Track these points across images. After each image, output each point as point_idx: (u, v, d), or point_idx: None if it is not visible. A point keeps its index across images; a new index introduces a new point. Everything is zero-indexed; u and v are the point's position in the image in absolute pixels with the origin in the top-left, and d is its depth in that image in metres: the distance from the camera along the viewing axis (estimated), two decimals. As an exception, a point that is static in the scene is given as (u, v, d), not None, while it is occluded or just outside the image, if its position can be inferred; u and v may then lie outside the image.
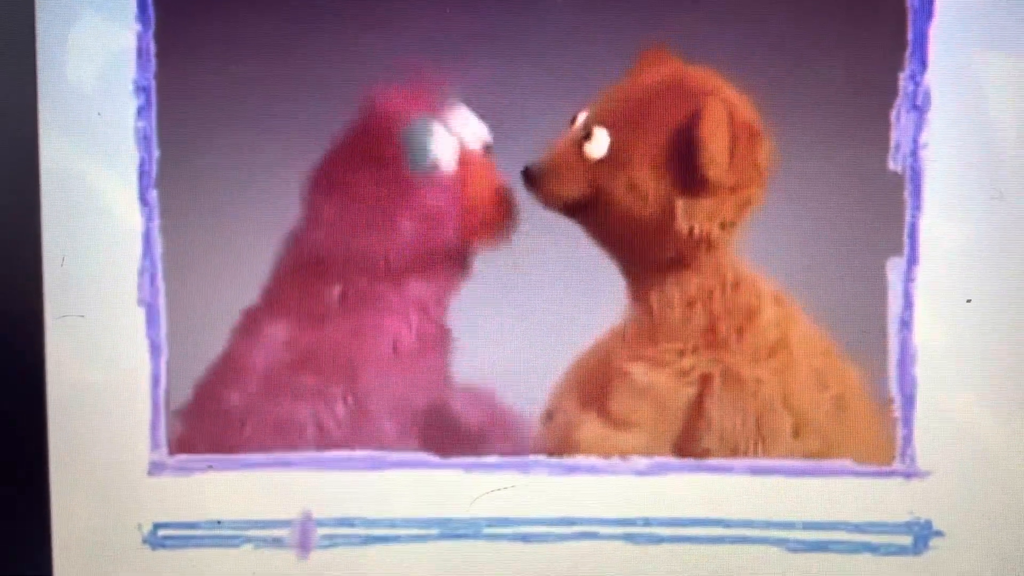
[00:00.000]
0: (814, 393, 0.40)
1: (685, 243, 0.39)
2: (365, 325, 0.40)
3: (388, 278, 0.40)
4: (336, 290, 0.40)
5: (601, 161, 0.38)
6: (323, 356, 0.40)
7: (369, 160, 0.39)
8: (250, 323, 0.40)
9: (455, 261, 0.40)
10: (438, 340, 0.41)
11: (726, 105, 0.38)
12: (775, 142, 0.39)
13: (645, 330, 0.40)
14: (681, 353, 0.40)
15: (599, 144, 0.38)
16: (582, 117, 0.39)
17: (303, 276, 0.40)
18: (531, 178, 0.39)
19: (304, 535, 0.40)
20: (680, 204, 0.38)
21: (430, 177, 0.39)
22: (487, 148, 0.40)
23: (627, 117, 0.38)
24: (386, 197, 0.39)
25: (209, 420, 0.40)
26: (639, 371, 0.40)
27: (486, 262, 0.40)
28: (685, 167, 0.38)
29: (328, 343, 0.40)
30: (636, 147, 0.38)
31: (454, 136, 0.39)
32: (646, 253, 0.39)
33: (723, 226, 0.38)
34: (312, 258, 0.40)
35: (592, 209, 0.39)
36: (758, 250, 0.40)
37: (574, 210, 0.39)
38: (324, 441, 0.40)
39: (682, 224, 0.38)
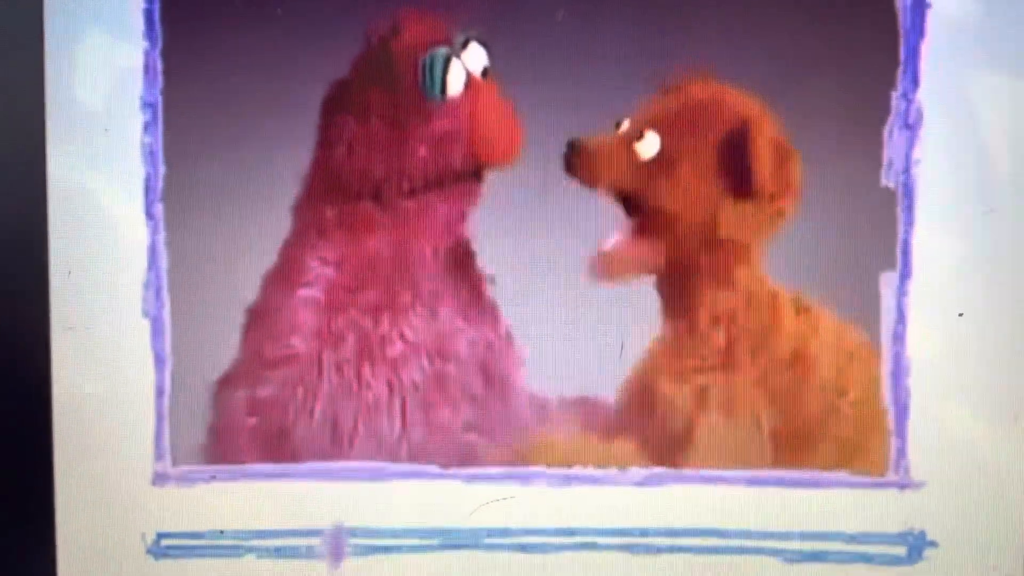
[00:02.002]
0: (833, 400, 0.40)
1: (723, 251, 0.40)
2: (407, 234, 0.41)
3: (410, 194, 0.41)
4: (368, 205, 0.41)
5: (650, 162, 0.40)
6: (381, 267, 0.41)
7: (386, 83, 0.40)
8: (286, 261, 0.41)
9: (471, 179, 0.41)
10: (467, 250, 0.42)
11: (769, 121, 0.39)
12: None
13: (673, 346, 0.41)
14: (699, 370, 0.41)
15: (650, 145, 0.40)
16: (627, 122, 0.40)
17: (334, 195, 0.41)
18: (577, 152, 0.40)
19: (336, 545, 0.40)
20: (725, 209, 0.40)
21: (441, 104, 0.40)
22: (485, 72, 0.40)
23: (678, 124, 0.40)
24: (403, 121, 0.40)
25: (270, 365, 0.41)
26: (664, 387, 0.41)
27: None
28: (732, 175, 0.39)
29: (381, 253, 0.41)
30: (686, 153, 0.40)
31: (464, 67, 0.40)
32: (684, 262, 0.40)
33: (758, 235, 0.40)
34: (332, 177, 0.41)
35: (634, 210, 0.40)
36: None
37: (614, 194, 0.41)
38: (410, 350, 0.41)
39: (724, 229, 0.40)
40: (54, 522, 0.40)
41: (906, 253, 0.39)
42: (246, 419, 0.41)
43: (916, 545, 0.40)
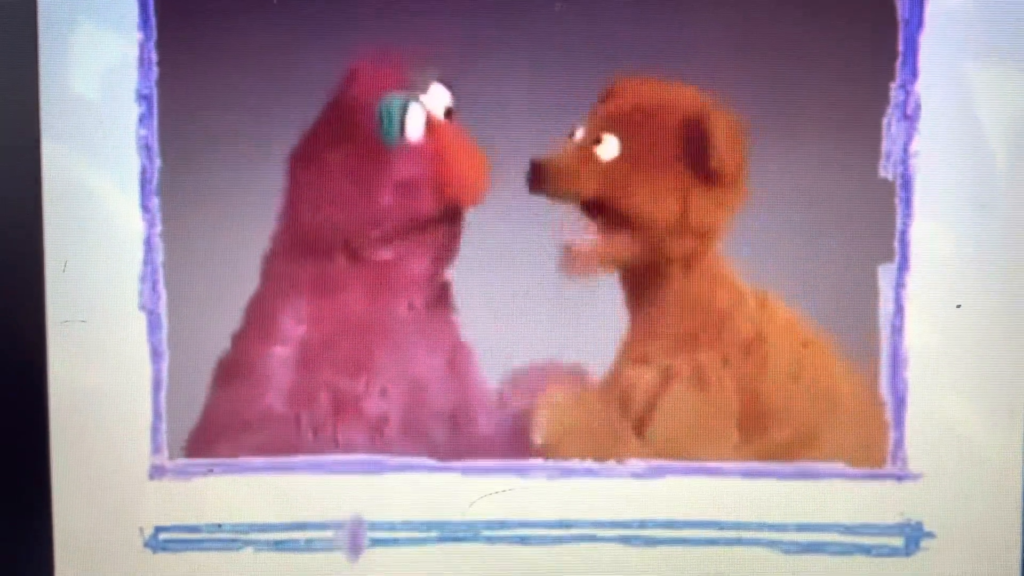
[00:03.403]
0: (788, 385, 0.41)
1: (691, 237, 0.40)
2: (377, 292, 0.41)
3: (381, 247, 0.41)
4: (340, 261, 0.41)
5: (612, 163, 0.40)
6: (350, 327, 0.41)
7: (345, 134, 0.40)
8: (258, 319, 0.41)
9: (445, 223, 0.41)
10: (444, 296, 0.42)
11: (720, 106, 0.40)
12: (770, 151, 0.40)
13: (640, 332, 0.41)
14: (666, 351, 0.41)
15: (610, 148, 0.40)
16: (580, 131, 0.41)
17: (305, 251, 0.41)
18: (541, 171, 0.40)
19: (354, 537, 0.41)
20: (694, 196, 0.40)
21: (402, 149, 0.40)
22: (448, 112, 0.40)
23: (634, 122, 0.40)
24: (363, 170, 0.40)
25: (246, 427, 0.41)
26: (630, 371, 0.41)
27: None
28: (694, 162, 0.40)
29: (350, 313, 0.41)
30: (647, 147, 0.40)
31: (424, 109, 0.40)
32: (648, 253, 0.41)
33: (724, 219, 0.40)
34: (301, 234, 0.41)
35: (601, 210, 0.40)
36: (751, 257, 0.40)
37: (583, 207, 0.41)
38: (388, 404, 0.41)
39: (695, 217, 0.40)
40: (51, 516, 0.40)
41: (904, 245, 0.39)
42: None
43: (913, 536, 0.40)
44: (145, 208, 0.40)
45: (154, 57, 0.40)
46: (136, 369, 0.40)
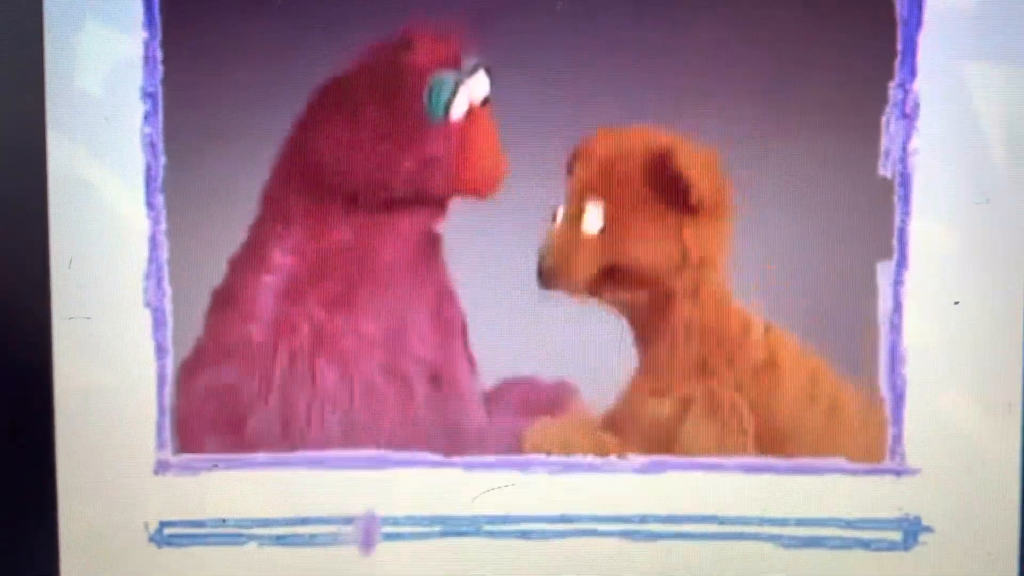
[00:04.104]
0: (804, 406, 0.41)
1: (693, 272, 0.41)
2: (368, 234, 0.41)
3: (383, 206, 0.41)
4: (337, 204, 0.41)
5: (602, 232, 0.40)
6: (343, 261, 0.41)
7: (388, 93, 0.40)
8: (249, 253, 0.41)
9: (438, 202, 0.42)
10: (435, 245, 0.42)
11: (680, 139, 0.40)
12: (769, 149, 0.40)
13: (651, 366, 0.41)
14: (681, 382, 0.41)
15: (594, 217, 0.40)
16: (561, 209, 0.41)
17: (307, 187, 0.41)
18: (548, 276, 0.41)
19: (367, 532, 0.41)
20: (687, 231, 0.40)
21: (439, 127, 0.40)
22: (485, 101, 0.41)
23: (607, 183, 0.40)
24: (396, 134, 0.40)
25: (233, 360, 0.41)
26: (648, 403, 0.41)
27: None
28: (676, 199, 0.40)
29: (344, 247, 0.41)
30: (629, 204, 0.40)
31: (469, 94, 0.40)
32: (656, 296, 0.41)
33: (720, 245, 0.41)
34: (307, 169, 0.41)
35: (608, 279, 0.41)
36: (748, 256, 0.41)
37: (593, 288, 0.41)
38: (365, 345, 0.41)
39: (693, 251, 0.40)
40: (57, 511, 0.41)
41: (902, 242, 0.40)
42: (205, 405, 0.41)
43: (911, 530, 0.40)
44: (150, 205, 0.40)
45: (159, 55, 0.40)
46: (141, 365, 0.41)
